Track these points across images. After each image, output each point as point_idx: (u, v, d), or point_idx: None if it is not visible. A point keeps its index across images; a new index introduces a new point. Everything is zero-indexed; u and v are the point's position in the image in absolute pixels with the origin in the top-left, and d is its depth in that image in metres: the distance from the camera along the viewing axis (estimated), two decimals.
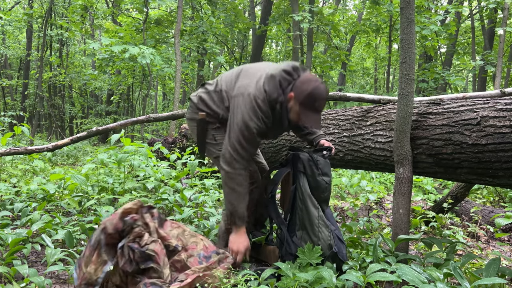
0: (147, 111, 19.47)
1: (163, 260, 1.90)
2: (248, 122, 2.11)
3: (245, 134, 2.14)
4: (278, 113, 2.20)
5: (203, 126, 2.35)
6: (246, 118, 2.12)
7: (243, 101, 2.15)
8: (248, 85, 2.18)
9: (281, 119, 2.24)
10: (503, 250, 3.24)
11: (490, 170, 2.08)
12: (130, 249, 1.85)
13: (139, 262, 1.84)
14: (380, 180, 6.02)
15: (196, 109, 2.38)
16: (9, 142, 6.05)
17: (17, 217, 3.29)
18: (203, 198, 3.69)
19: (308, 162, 2.22)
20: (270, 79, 2.17)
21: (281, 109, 2.19)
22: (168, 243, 2.03)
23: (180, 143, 5.77)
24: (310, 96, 2.10)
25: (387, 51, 15.01)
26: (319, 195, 2.25)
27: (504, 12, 8.62)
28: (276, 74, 2.17)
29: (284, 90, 2.17)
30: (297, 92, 2.12)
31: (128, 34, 11.56)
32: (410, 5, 2.37)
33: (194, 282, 1.91)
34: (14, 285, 1.95)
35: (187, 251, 2.07)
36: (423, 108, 2.43)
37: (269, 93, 2.15)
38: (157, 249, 1.89)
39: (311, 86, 2.10)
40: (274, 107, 2.18)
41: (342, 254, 2.17)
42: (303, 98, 2.10)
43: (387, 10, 10.26)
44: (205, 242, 2.16)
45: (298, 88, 2.12)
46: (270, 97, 2.14)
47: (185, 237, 2.13)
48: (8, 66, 20.08)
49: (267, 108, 2.15)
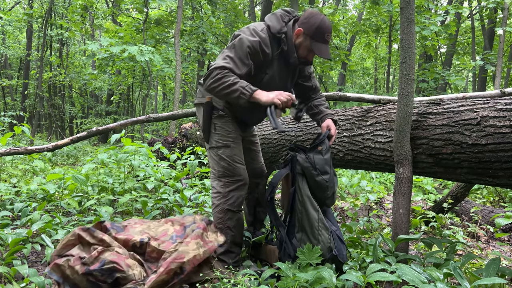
0: (147, 111, 19.47)
1: (126, 263, 1.90)
2: (243, 37, 2.14)
3: (237, 50, 2.13)
4: (283, 52, 2.23)
5: (208, 110, 2.33)
6: (241, 36, 2.15)
7: (240, 30, 2.22)
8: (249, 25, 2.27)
9: (287, 59, 2.26)
10: (503, 250, 3.24)
11: (490, 170, 2.08)
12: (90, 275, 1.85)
13: (105, 279, 1.85)
14: (380, 180, 6.02)
15: (204, 92, 2.36)
16: (9, 142, 6.04)
17: (17, 217, 3.29)
18: (203, 198, 3.69)
19: (305, 164, 2.20)
20: (270, 16, 2.27)
21: (287, 44, 2.22)
22: (133, 241, 2.04)
23: (180, 143, 5.77)
24: (320, 28, 2.16)
25: (387, 51, 15.02)
26: (321, 195, 2.22)
27: (504, 12, 8.63)
28: (275, 12, 2.28)
29: (286, 23, 2.24)
30: (306, 27, 2.17)
31: (128, 34, 11.56)
32: (410, 5, 2.37)
33: (169, 268, 1.90)
34: (14, 285, 1.95)
35: (157, 240, 2.09)
36: (423, 108, 2.43)
37: (271, 25, 2.21)
38: (114, 258, 1.89)
39: (319, 19, 2.17)
40: (280, 40, 2.22)
41: (342, 255, 2.16)
42: (313, 31, 2.16)
43: (387, 10, 10.25)
44: (176, 226, 2.18)
45: (306, 23, 2.18)
46: (273, 29, 2.20)
47: (152, 230, 2.15)
48: (8, 66, 20.08)
49: (267, 37, 2.19)
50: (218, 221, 2.31)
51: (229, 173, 2.30)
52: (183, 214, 2.42)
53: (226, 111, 2.32)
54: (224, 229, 2.30)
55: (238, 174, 2.32)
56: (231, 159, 2.30)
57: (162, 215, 3.55)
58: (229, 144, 2.32)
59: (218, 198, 2.31)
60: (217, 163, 2.33)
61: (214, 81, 2.10)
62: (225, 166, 2.30)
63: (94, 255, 1.90)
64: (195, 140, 5.80)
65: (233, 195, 2.30)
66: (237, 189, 2.32)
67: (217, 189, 2.33)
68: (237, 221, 2.32)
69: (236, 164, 2.32)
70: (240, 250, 2.38)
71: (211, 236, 2.20)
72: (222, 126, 2.32)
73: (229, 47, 2.17)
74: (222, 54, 2.18)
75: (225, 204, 2.29)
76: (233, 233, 2.31)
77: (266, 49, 2.18)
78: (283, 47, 2.24)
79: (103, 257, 1.89)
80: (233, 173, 2.31)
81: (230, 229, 2.30)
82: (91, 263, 1.87)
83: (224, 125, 2.32)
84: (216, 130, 2.32)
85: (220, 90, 2.10)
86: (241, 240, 2.38)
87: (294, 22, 2.26)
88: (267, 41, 2.19)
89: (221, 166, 2.31)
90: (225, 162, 2.30)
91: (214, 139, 2.33)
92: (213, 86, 2.11)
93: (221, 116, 2.32)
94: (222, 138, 2.32)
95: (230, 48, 2.16)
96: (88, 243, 1.99)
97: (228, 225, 2.30)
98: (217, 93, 2.14)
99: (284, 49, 2.24)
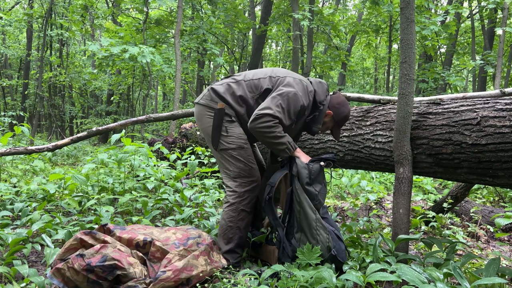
0: (147, 111, 19.47)
1: (127, 261, 1.90)
2: (299, 97, 2.27)
3: (291, 104, 2.25)
4: (314, 118, 2.44)
5: (221, 116, 2.34)
6: (298, 93, 2.28)
7: (296, 83, 2.31)
8: (298, 76, 2.40)
9: (309, 124, 2.46)
10: (503, 250, 3.24)
11: (490, 170, 2.08)
12: (90, 271, 1.85)
13: (106, 276, 1.85)
14: (380, 180, 6.02)
15: (216, 98, 2.36)
16: (9, 142, 6.05)
17: (17, 217, 3.29)
18: (203, 198, 3.69)
19: (302, 169, 2.22)
20: (318, 83, 2.46)
21: (319, 115, 2.42)
22: (136, 240, 2.04)
23: (180, 143, 5.77)
24: (346, 119, 2.48)
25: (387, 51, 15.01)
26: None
27: (504, 12, 8.62)
28: (323, 82, 2.48)
29: (326, 98, 2.44)
30: (336, 113, 2.44)
31: (128, 34, 11.56)
32: (410, 5, 2.37)
33: (178, 277, 1.91)
34: (14, 285, 1.95)
35: (161, 241, 2.10)
36: (423, 108, 2.44)
37: (318, 93, 2.41)
38: (116, 255, 1.89)
39: (347, 109, 2.46)
40: (316, 108, 2.41)
41: (341, 255, 2.16)
42: (340, 119, 2.46)
43: (387, 10, 10.25)
44: (178, 234, 2.19)
45: (336, 109, 2.44)
46: (318, 97, 2.39)
47: (155, 235, 2.15)
48: (8, 66, 20.09)
49: (311, 101, 2.37)
50: (230, 219, 2.32)
51: (245, 173, 2.33)
52: (187, 227, 2.43)
53: (236, 118, 2.37)
54: (234, 228, 2.32)
55: (253, 175, 2.35)
56: (247, 160, 2.34)
57: (162, 215, 3.55)
58: (242, 145, 2.34)
59: (234, 197, 2.33)
60: (232, 164, 2.34)
61: (264, 127, 2.20)
62: (242, 166, 2.32)
63: (95, 249, 1.90)
64: (195, 140, 5.80)
65: (248, 196, 2.33)
66: (252, 190, 2.35)
67: (233, 188, 2.35)
68: (246, 223, 2.36)
69: (251, 165, 2.35)
70: (242, 252, 2.40)
71: (216, 256, 2.23)
72: (233, 129, 2.35)
73: (282, 96, 2.24)
74: (274, 100, 2.24)
75: (240, 204, 2.31)
76: (241, 234, 2.33)
77: (306, 112, 2.38)
78: (316, 115, 2.43)
79: (105, 252, 1.89)
80: (249, 173, 2.34)
81: (240, 229, 2.33)
82: (91, 256, 1.88)
83: (235, 128, 2.35)
84: (228, 133, 2.34)
85: (267, 138, 2.23)
86: (245, 243, 2.41)
87: (329, 105, 2.47)
88: (310, 104, 2.38)
89: (237, 167, 2.33)
90: (242, 163, 2.32)
91: (226, 141, 2.34)
92: (261, 131, 2.21)
93: (231, 121, 2.36)
94: (235, 140, 2.33)
95: (283, 97, 2.24)
96: (91, 246, 1.99)
97: (239, 225, 2.32)
98: (261, 138, 2.26)
99: (315, 117, 2.44)
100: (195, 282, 1.99)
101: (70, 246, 2.01)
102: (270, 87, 2.32)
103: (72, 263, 1.87)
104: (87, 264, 1.85)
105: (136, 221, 2.94)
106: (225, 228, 2.34)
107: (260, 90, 2.33)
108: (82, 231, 2.05)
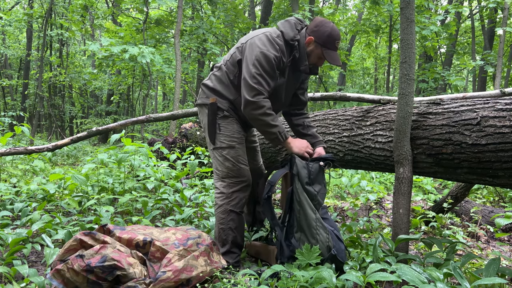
0: (147, 111, 19.47)
1: (127, 261, 1.90)
2: (266, 52, 2.15)
3: (264, 65, 2.15)
4: (294, 59, 2.27)
5: (213, 111, 2.33)
6: (263, 49, 2.16)
7: (259, 40, 2.21)
8: (259, 31, 2.27)
9: (296, 66, 2.30)
10: (503, 250, 3.24)
11: (490, 170, 2.08)
12: (90, 272, 1.85)
13: (106, 276, 1.85)
14: (380, 180, 6.02)
15: (208, 93, 2.37)
16: (9, 142, 6.05)
17: (17, 217, 3.29)
18: (203, 198, 3.69)
19: (302, 169, 2.21)
20: (284, 22, 2.30)
21: (299, 51, 2.26)
22: (136, 240, 2.04)
23: (180, 143, 5.77)
24: (331, 36, 2.22)
25: (387, 51, 15.01)
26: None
27: (504, 12, 8.62)
28: (289, 19, 2.32)
29: (299, 31, 2.27)
30: (317, 35, 2.23)
31: (128, 34, 11.56)
32: (410, 5, 2.37)
33: (178, 278, 1.91)
34: (14, 285, 1.95)
35: (161, 241, 2.10)
36: (423, 108, 2.43)
37: (285, 32, 2.24)
38: (115, 255, 1.89)
39: (329, 27, 2.23)
40: (292, 48, 2.25)
41: (341, 255, 2.17)
42: (324, 39, 2.22)
43: (387, 10, 10.25)
44: (178, 235, 2.19)
45: (316, 32, 2.23)
46: (287, 36, 2.23)
47: (155, 236, 2.15)
48: (8, 66, 20.09)
49: (283, 44, 2.22)
50: (221, 221, 2.31)
51: (233, 174, 2.31)
52: (187, 227, 2.43)
53: (230, 111, 2.34)
54: (226, 229, 2.30)
55: (242, 175, 2.33)
56: (235, 160, 2.31)
57: (162, 215, 3.55)
58: (233, 145, 2.32)
59: (221, 198, 2.32)
60: (221, 163, 2.33)
61: (256, 115, 2.17)
62: (230, 167, 2.31)
63: (95, 249, 1.90)
64: (195, 140, 5.80)
65: (236, 196, 2.31)
66: (241, 190, 2.33)
67: (220, 189, 2.33)
68: (239, 223, 2.33)
69: (240, 165, 2.33)
70: (240, 251, 2.39)
71: (216, 257, 2.22)
72: (227, 126, 2.33)
73: (252, 63, 2.15)
74: (247, 72, 2.16)
75: (228, 205, 2.30)
76: (234, 234, 2.32)
77: (283, 57, 2.23)
78: (295, 54, 2.27)
79: (105, 252, 1.89)
80: (237, 174, 2.32)
81: (232, 230, 2.31)
82: (91, 256, 1.87)
83: (229, 125, 2.33)
84: (221, 131, 2.33)
85: (260, 125, 2.21)
86: (242, 241, 2.39)
87: (307, 30, 2.30)
88: (283, 48, 2.22)
89: (226, 166, 2.32)
90: (230, 163, 2.31)
91: (219, 139, 2.33)
92: (252, 118, 2.20)
93: (225, 117, 2.33)
94: (227, 139, 2.32)
95: (254, 64, 2.15)
96: (90, 246, 1.99)
97: (230, 226, 2.30)
98: (255, 124, 2.24)
99: (296, 57, 2.28)
100: (195, 282, 1.99)
101: (70, 247, 2.01)
102: (240, 57, 2.27)
103: (71, 264, 1.87)
104: (86, 264, 1.85)
105: (136, 221, 2.94)
106: (218, 231, 2.34)
107: (236, 65, 2.30)
108: (82, 232, 2.05)
